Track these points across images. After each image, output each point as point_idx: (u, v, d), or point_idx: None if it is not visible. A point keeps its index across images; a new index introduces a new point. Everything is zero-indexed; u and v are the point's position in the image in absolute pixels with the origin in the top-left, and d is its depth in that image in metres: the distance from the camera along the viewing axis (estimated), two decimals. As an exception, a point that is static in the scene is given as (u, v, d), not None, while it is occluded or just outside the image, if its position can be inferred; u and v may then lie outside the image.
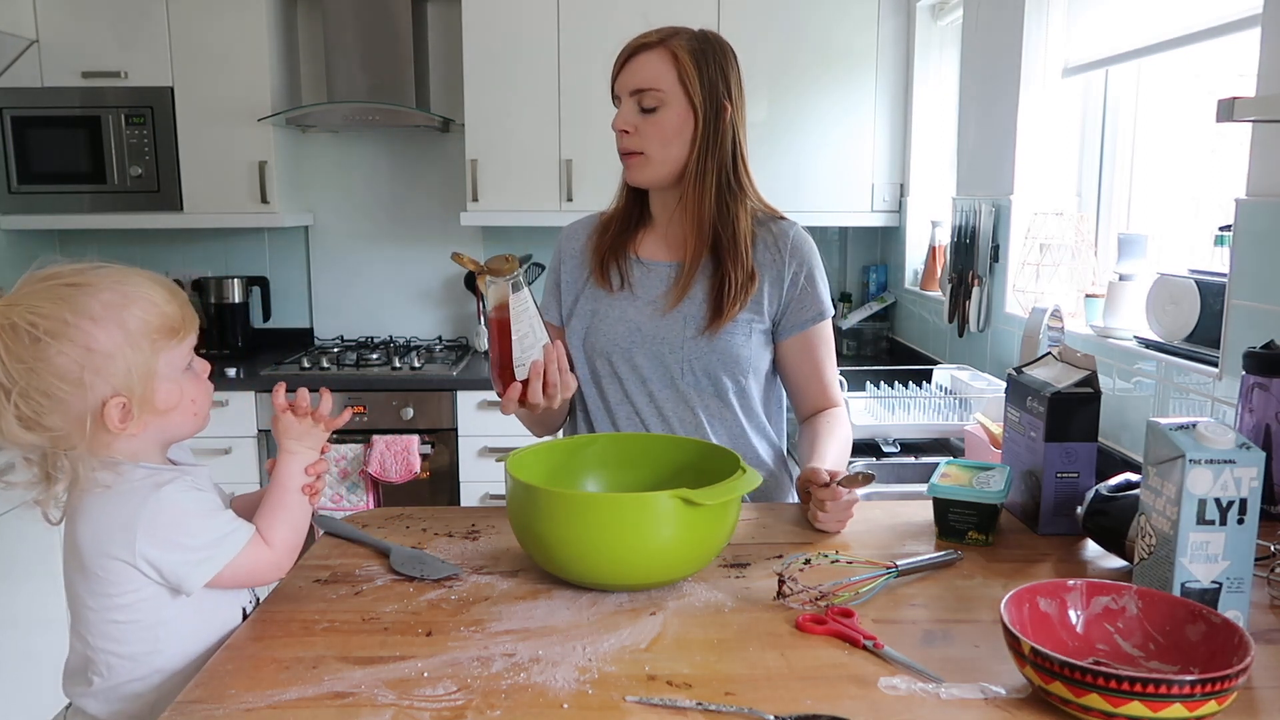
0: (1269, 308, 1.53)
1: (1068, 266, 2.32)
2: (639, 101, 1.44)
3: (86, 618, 1.03)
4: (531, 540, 1.14)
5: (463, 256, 1.27)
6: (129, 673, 1.03)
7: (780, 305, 1.52)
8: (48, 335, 0.95)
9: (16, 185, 3.26)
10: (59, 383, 0.95)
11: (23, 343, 0.94)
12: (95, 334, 0.96)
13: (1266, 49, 1.56)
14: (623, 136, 1.46)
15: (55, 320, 0.95)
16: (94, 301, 0.97)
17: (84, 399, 0.97)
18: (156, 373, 1.01)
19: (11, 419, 0.95)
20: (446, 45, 3.51)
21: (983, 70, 2.69)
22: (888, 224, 3.36)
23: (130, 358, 0.98)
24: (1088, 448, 1.33)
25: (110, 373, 0.97)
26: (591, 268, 1.54)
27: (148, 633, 1.03)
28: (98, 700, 1.05)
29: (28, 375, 0.94)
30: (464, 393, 3.11)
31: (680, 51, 1.43)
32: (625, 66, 1.46)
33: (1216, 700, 0.81)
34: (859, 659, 0.97)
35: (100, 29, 3.19)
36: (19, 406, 0.95)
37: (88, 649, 1.04)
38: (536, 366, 1.30)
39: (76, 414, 0.97)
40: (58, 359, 0.95)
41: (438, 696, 0.90)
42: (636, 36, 1.47)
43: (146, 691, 1.04)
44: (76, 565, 1.03)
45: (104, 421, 0.98)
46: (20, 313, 0.95)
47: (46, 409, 0.96)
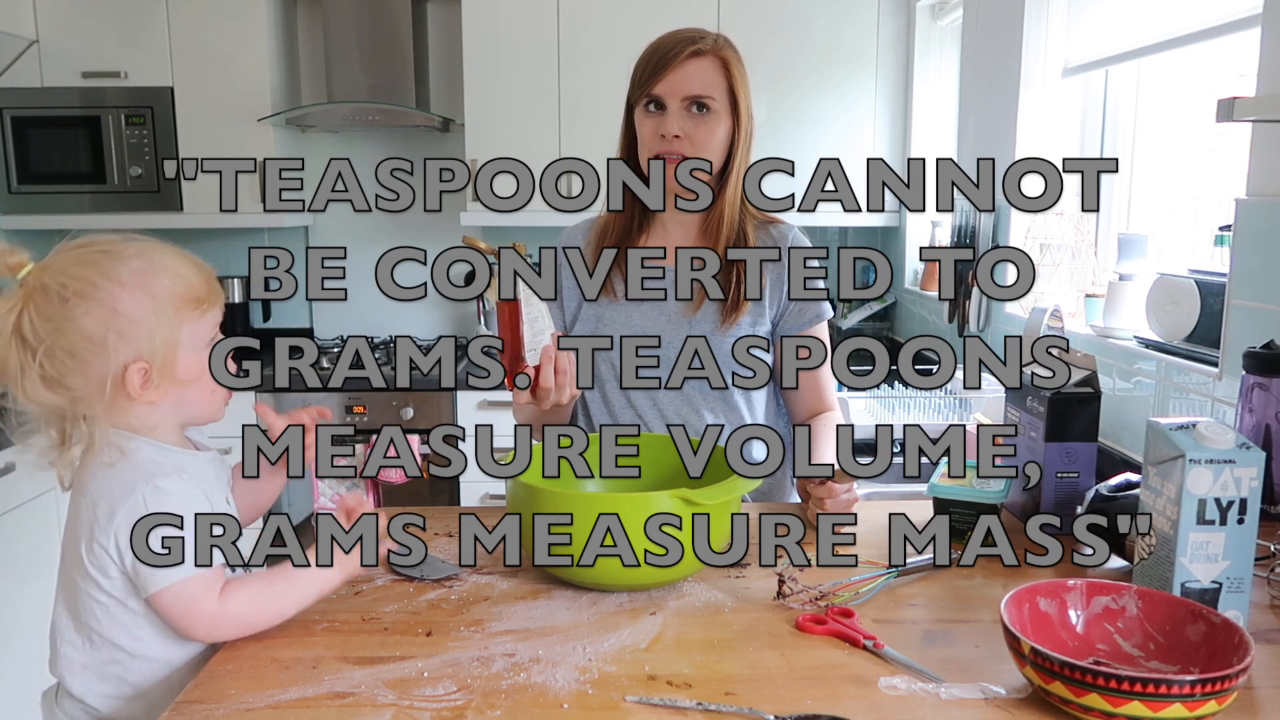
0: (1269, 308, 1.53)
1: (1068, 266, 2.32)
2: (690, 107, 1.42)
3: (73, 587, 1.03)
4: (531, 540, 1.14)
5: (475, 241, 1.28)
6: (108, 653, 1.03)
7: (780, 307, 1.52)
8: (76, 296, 0.97)
9: (16, 185, 3.26)
10: (84, 343, 0.98)
11: (52, 303, 0.97)
12: (122, 298, 0.99)
13: (1266, 49, 1.56)
14: (672, 141, 1.42)
15: (84, 282, 0.98)
16: (123, 268, 1.00)
17: (106, 361, 0.99)
18: (179, 342, 1.02)
19: (35, 378, 0.97)
20: (446, 45, 3.51)
21: (983, 70, 2.69)
22: (888, 224, 3.36)
23: (155, 324, 1.00)
24: (1088, 448, 1.33)
25: (134, 337, 0.99)
26: (593, 272, 1.54)
27: (126, 617, 1.02)
28: (77, 678, 1.04)
29: (54, 334, 0.97)
30: (464, 393, 3.11)
31: (732, 62, 1.43)
32: (675, 70, 1.41)
33: (1216, 700, 0.81)
34: (859, 659, 0.97)
35: (100, 29, 3.19)
36: (43, 365, 0.97)
37: (73, 621, 1.04)
38: (548, 351, 1.30)
39: (98, 376, 0.99)
40: (84, 319, 0.97)
41: (438, 696, 0.90)
42: (680, 39, 1.43)
43: (126, 675, 1.03)
44: (69, 535, 1.04)
45: (124, 386, 1.00)
46: (52, 275, 0.98)
47: (70, 369, 0.98)
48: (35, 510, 2.49)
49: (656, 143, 1.43)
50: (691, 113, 1.42)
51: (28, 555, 2.47)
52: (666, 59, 1.41)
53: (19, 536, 2.44)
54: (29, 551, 2.47)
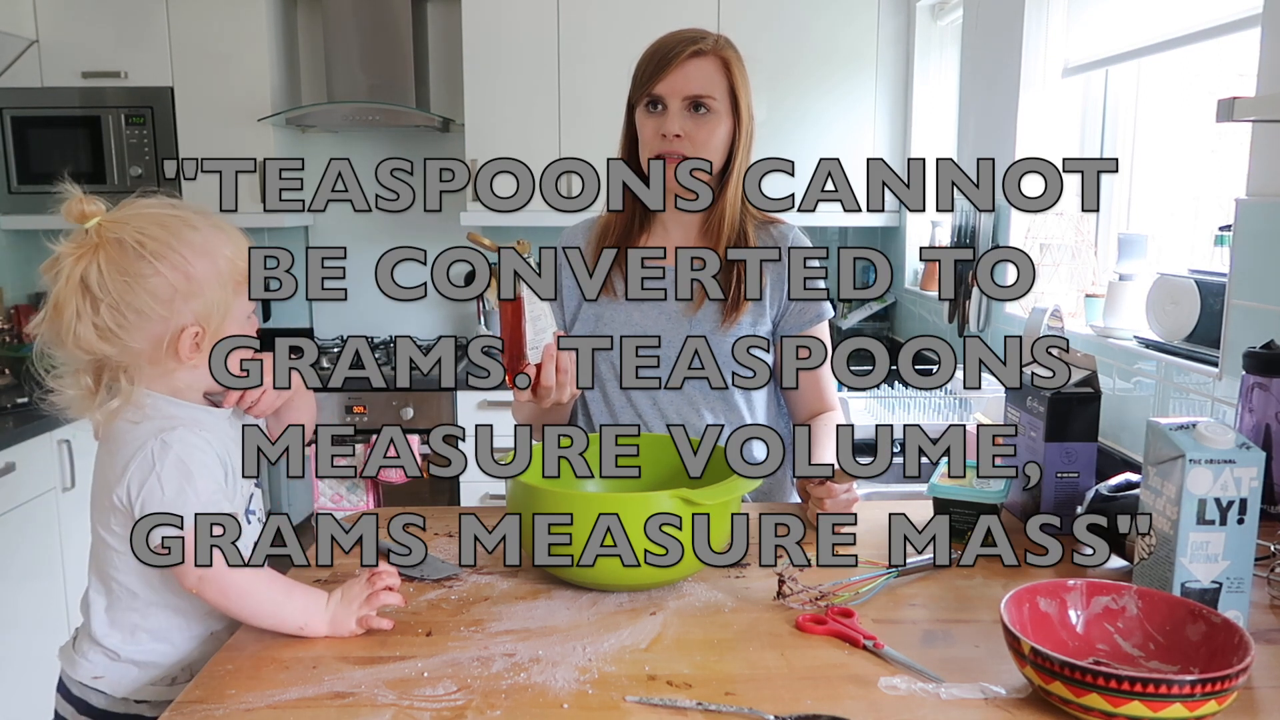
0: (1269, 308, 1.53)
1: (1068, 266, 2.32)
2: (691, 106, 1.42)
3: (96, 537, 1.08)
4: (531, 540, 1.14)
5: (479, 237, 1.29)
6: (126, 600, 1.08)
7: (780, 307, 1.52)
8: (152, 255, 1.00)
9: (16, 185, 3.26)
10: (151, 301, 1.00)
11: (128, 257, 0.99)
12: (195, 263, 1.02)
13: (1266, 49, 1.56)
14: (673, 140, 1.42)
15: (161, 244, 1.01)
16: (196, 236, 1.04)
17: (167, 323, 1.02)
18: (231, 313, 1.06)
19: (90, 326, 0.99)
20: (446, 45, 3.51)
21: (983, 70, 2.69)
22: (888, 224, 3.36)
23: (216, 292, 1.04)
24: (1088, 448, 1.33)
25: (197, 302, 1.03)
26: (593, 272, 1.54)
27: (139, 565, 1.06)
28: (98, 620, 1.09)
29: (123, 289, 0.99)
30: (464, 393, 3.11)
31: (733, 62, 1.43)
32: (676, 70, 1.41)
33: (1216, 700, 0.81)
34: (859, 659, 0.97)
35: (100, 29, 3.19)
36: (104, 317, 0.99)
37: (96, 569, 1.09)
38: (550, 349, 1.30)
39: (155, 335, 1.02)
40: (154, 279, 1.00)
41: (438, 696, 0.90)
42: (681, 39, 1.43)
43: (142, 623, 1.08)
44: (95, 486, 1.08)
45: (176, 348, 1.03)
46: (129, 230, 1.00)
47: (130, 324, 1.00)
48: (35, 510, 2.49)
49: (657, 142, 1.43)
50: (692, 113, 1.42)
51: (28, 555, 2.47)
52: (668, 59, 1.41)
53: (19, 536, 2.43)
54: (29, 551, 2.47)
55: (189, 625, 1.10)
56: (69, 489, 2.60)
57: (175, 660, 1.09)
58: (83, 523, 1.12)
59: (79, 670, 1.10)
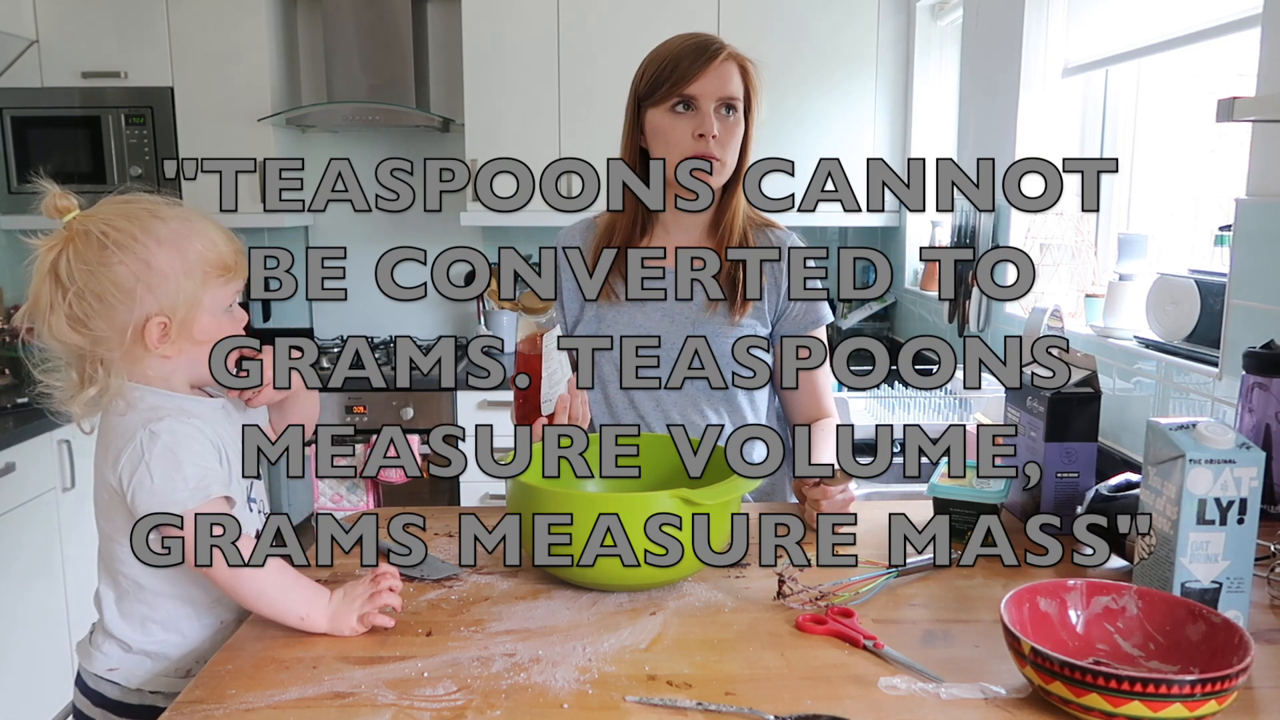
0: (1269, 308, 1.53)
1: (1068, 266, 2.32)
2: (723, 108, 1.42)
3: (100, 531, 1.11)
4: (531, 540, 1.14)
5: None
6: (134, 592, 1.10)
7: (779, 310, 1.52)
8: (115, 245, 1.03)
9: (16, 185, 3.26)
10: (113, 289, 1.03)
11: (91, 248, 1.03)
12: (157, 254, 1.04)
13: (1266, 49, 1.56)
14: (710, 141, 1.40)
15: (125, 234, 1.04)
16: (163, 227, 1.06)
17: (131, 310, 1.04)
18: (201, 304, 1.07)
19: (62, 316, 1.03)
20: (446, 45, 3.51)
21: (983, 70, 2.69)
22: (888, 224, 3.36)
23: (181, 283, 1.05)
24: (1088, 448, 1.33)
25: (161, 292, 1.04)
26: (595, 272, 1.54)
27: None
28: (110, 612, 1.12)
29: (87, 277, 1.02)
30: (464, 393, 3.11)
31: (749, 66, 1.45)
32: (712, 71, 1.40)
33: (1216, 700, 0.81)
34: (859, 659, 0.97)
35: (100, 29, 3.19)
36: (72, 305, 1.03)
37: (103, 564, 1.12)
38: (563, 401, 1.32)
39: (120, 323, 1.04)
40: (118, 267, 1.03)
41: (438, 696, 0.90)
42: (706, 40, 1.42)
43: (151, 614, 1.11)
44: (95, 483, 1.10)
45: (143, 337, 1.05)
46: (96, 222, 1.04)
47: (95, 312, 1.03)
48: (36, 510, 2.49)
49: (692, 143, 1.41)
50: (722, 114, 1.42)
51: (28, 555, 2.47)
52: (703, 59, 1.40)
53: (19, 536, 2.44)
54: (29, 551, 2.47)
55: (198, 615, 1.12)
56: (69, 489, 2.60)
57: (187, 651, 1.11)
58: (83, 522, 1.14)
59: (95, 663, 1.12)
